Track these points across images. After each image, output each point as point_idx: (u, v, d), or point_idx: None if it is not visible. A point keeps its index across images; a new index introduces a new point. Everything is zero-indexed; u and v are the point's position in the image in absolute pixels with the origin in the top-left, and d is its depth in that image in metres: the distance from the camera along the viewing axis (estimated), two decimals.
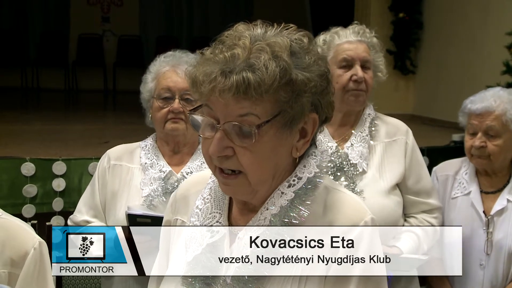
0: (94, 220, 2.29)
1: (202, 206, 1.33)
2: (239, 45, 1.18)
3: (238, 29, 1.24)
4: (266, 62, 1.16)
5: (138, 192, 2.24)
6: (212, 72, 1.17)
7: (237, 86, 1.15)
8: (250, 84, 1.15)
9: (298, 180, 1.26)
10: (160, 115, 2.26)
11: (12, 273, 1.53)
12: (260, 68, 1.16)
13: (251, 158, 1.19)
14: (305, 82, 1.20)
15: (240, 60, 1.17)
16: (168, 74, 2.27)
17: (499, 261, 2.42)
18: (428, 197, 2.36)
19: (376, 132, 2.33)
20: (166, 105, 2.25)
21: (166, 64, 2.29)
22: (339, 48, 2.32)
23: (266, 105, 1.18)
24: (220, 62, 1.18)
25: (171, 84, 2.25)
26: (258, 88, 1.15)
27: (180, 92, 2.24)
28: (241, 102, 1.17)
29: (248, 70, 1.15)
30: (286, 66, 1.18)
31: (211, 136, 1.21)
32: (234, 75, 1.15)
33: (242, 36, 1.21)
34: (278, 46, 1.19)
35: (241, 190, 1.24)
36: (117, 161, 2.32)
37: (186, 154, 2.32)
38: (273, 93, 1.17)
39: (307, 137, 1.26)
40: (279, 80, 1.17)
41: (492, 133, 2.45)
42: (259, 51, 1.17)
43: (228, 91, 1.16)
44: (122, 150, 2.36)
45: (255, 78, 1.15)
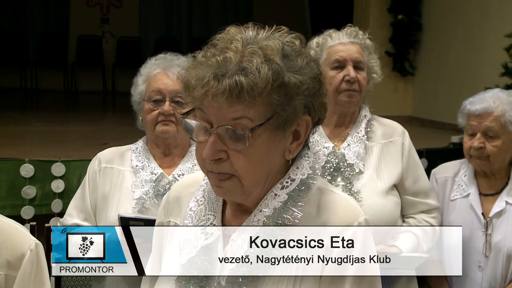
0: (84, 223, 2.27)
1: (195, 208, 1.33)
2: (231, 49, 1.18)
3: (230, 32, 1.24)
4: (258, 66, 1.16)
5: (129, 195, 2.23)
6: (204, 76, 1.17)
7: (230, 90, 1.15)
8: (243, 87, 1.15)
9: (291, 181, 1.26)
10: (151, 118, 2.25)
11: (9, 275, 1.53)
12: (253, 72, 1.16)
13: (245, 161, 1.20)
14: (297, 85, 1.20)
15: (233, 63, 1.17)
16: (158, 76, 2.26)
17: (498, 263, 2.42)
18: (426, 197, 2.37)
19: (373, 133, 2.34)
20: (157, 107, 2.24)
21: (157, 66, 2.28)
22: (331, 50, 2.33)
23: (259, 108, 1.18)
24: (213, 66, 1.17)
25: (161, 87, 2.24)
26: (251, 92, 1.15)
27: (170, 95, 2.23)
28: (234, 105, 1.17)
29: (240, 74, 1.15)
30: (279, 69, 1.18)
31: (205, 140, 1.21)
32: (226, 79, 1.15)
33: (234, 40, 1.21)
34: (270, 49, 1.19)
35: (234, 192, 1.24)
36: (108, 164, 2.31)
37: (177, 156, 2.31)
38: (266, 96, 1.17)
39: (300, 139, 1.26)
40: (272, 83, 1.17)
41: (491, 134, 2.45)
42: (252, 54, 1.17)
43: (221, 95, 1.16)
44: (113, 153, 2.35)
45: (248, 82, 1.15)
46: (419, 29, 7.56)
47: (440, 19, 7.24)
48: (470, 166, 2.58)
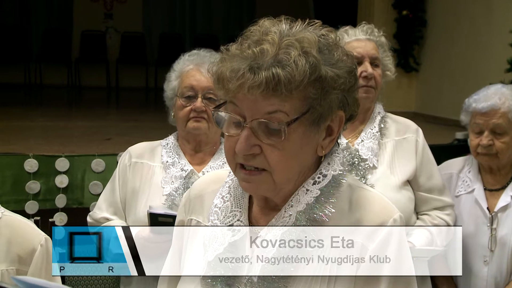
0: (113, 217, 2.28)
1: (221, 205, 1.30)
2: (268, 41, 1.15)
3: (264, 24, 1.21)
4: (295, 58, 1.13)
5: (159, 191, 2.23)
6: (239, 68, 1.14)
7: (267, 82, 1.12)
8: (280, 80, 1.12)
9: (323, 177, 1.24)
10: (183, 114, 2.25)
11: (20, 270, 1.54)
12: (290, 64, 1.13)
13: (279, 156, 1.17)
14: (334, 78, 1.17)
15: (269, 56, 1.14)
16: (191, 72, 2.26)
17: (503, 257, 2.42)
18: (441, 194, 2.37)
19: (386, 130, 2.35)
20: (189, 103, 2.24)
21: (190, 62, 2.28)
22: (348, 46, 2.32)
23: (295, 102, 1.15)
24: (248, 58, 1.15)
25: (194, 83, 2.24)
26: (288, 85, 1.13)
27: (203, 91, 2.23)
28: (270, 99, 1.14)
29: (277, 66, 1.13)
30: (316, 62, 1.15)
31: (236, 134, 1.18)
32: (263, 71, 1.12)
33: (269, 32, 1.17)
34: (307, 41, 1.16)
35: (264, 187, 1.21)
36: (138, 159, 2.31)
37: (208, 153, 2.31)
38: (302, 90, 1.15)
39: (333, 135, 1.24)
40: (309, 77, 1.14)
41: (499, 131, 2.45)
42: (288, 46, 1.15)
43: (257, 88, 1.13)
44: (144, 148, 2.35)
45: (285, 75, 1.12)
46: (424, 25, 7.54)
47: (445, 15, 7.22)
48: (475, 162, 2.58)
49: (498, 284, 2.42)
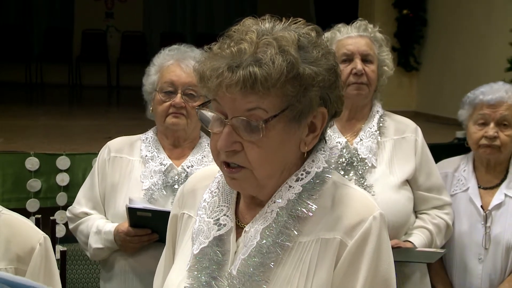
0: (93, 212, 2.28)
1: (209, 200, 1.33)
2: (246, 40, 1.18)
3: (246, 23, 1.24)
4: (272, 57, 1.16)
5: (138, 185, 2.23)
6: (219, 67, 1.17)
7: (244, 80, 1.15)
8: (257, 78, 1.15)
9: (306, 174, 1.25)
10: (162, 109, 2.24)
11: (19, 269, 1.54)
12: (267, 63, 1.15)
13: (258, 153, 1.19)
14: (312, 76, 1.19)
15: (247, 54, 1.16)
16: (172, 68, 2.25)
17: (497, 255, 2.43)
18: (440, 193, 2.37)
19: (385, 129, 2.33)
20: (168, 99, 2.23)
21: (171, 57, 2.27)
22: (340, 44, 2.32)
23: (273, 99, 1.17)
24: (227, 57, 1.17)
25: (174, 78, 2.23)
26: (265, 83, 1.15)
27: (183, 87, 2.22)
28: (248, 96, 1.17)
29: (254, 65, 1.15)
30: (293, 60, 1.17)
31: (220, 131, 1.21)
32: (240, 70, 1.15)
33: (249, 31, 1.20)
34: (285, 40, 1.19)
35: (248, 184, 1.24)
36: (117, 153, 2.30)
37: (187, 148, 2.30)
38: (280, 88, 1.17)
39: (316, 131, 1.26)
40: (286, 74, 1.16)
41: (505, 122, 2.47)
42: (266, 45, 1.17)
43: (235, 86, 1.16)
44: (123, 142, 2.34)
45: (262, 73, 1.15)
46: (424, 24, 7.54)
47: (445, 14, 7.22)
48: (470, 161, 2.59)
49: (493, 282, 2.42)
